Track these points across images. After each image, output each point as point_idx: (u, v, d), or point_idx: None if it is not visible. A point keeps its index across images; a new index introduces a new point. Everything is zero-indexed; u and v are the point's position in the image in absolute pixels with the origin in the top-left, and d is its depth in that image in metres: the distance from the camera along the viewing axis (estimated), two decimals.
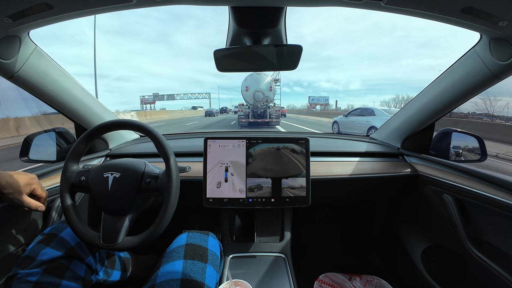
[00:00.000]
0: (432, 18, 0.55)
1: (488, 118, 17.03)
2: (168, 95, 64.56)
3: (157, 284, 0.56)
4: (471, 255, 0.73)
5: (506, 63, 0.62)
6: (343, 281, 1.00)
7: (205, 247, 0.67)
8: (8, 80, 0.69)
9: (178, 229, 0.87)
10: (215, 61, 0.73)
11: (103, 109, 1.01)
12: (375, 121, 7.27)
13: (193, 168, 0.83)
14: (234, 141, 0.85)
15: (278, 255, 0.89)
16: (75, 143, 0.65)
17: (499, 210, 0.65)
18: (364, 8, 0.55)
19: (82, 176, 0.63)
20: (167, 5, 0.56)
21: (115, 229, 0.59)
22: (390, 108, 8.65)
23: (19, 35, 0.62)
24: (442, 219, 0.87)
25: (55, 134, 0.97)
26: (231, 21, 0.66)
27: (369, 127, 7.35)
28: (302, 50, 0.69)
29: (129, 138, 1.21)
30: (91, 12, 0.55)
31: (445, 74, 0.83)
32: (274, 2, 0.56)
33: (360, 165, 0.98)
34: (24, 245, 0.71)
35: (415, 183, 0.98)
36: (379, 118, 7.20)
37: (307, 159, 0.85)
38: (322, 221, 1.40)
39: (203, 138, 0.85)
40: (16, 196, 0.59)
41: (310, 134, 1.21)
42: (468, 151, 0.97)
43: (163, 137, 0.63)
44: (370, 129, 7.30)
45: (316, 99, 51.78)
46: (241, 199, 0.83)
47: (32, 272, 0.55)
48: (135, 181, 0.62)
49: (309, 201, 0.84)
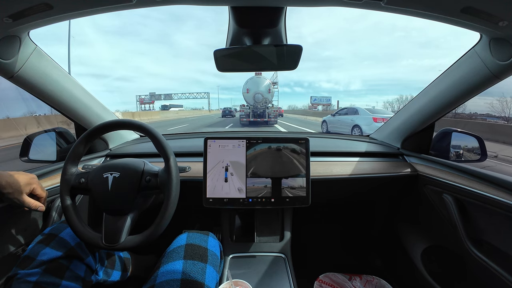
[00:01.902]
0: (432, 18, 0.55)
1: (504, 121, 16.62)
2: (165, 95, 61.33)
3: (157, 284, 0.56)
4: (471, 255, 0.73)
5: (506, 63, 0.62)
6: (343, 281, 1.00)
7: (205, 247, 0.67)
8: (8, 80, 0.69)
9: (178, 229, 0.87)
10: (215, 61, 0.73)
11: (103, 109, 1.01)
12: (358, 120, 7.63)
13: (193, 168, 0.83)
14: (234, 141, 0.85)
15: (278, 255, 0.89)
16: (74, 144, 0.65)
17: (499, 210, 0.65)
18: (364, 8, 0.55)
19: (81, 178, 0.62)
20: (167, 5, 0.56)
21: (117, 229, 0.59)
22: (374, 108, 8.98)
23: (19, 35, 0.62)
24: (442, 219, 0.87)
25: (55, 134, 0.97)
26: (231, 21, 0.66)
27: (353, 125, 7.71)
28: (302, 50, 0.69)
29: (129, 138, 1.21)
30: (91, 12, 0.55)
31: (445, 74, 0.83)
32: (274, 2, 0.56)
33: (360, 165, 0.98)
34: (24, 245, 0.71)
35: (415, 183, 0.98)
36: (362, 117, 7.57)
37: (307, 159, 0.85)
38: (322, 221, 1.40)
39: (203, 138, 0.85)
40: (16, 196, 0.59)
41: (310, 134, 1.21)
42: (468, 151, 0.97)
43: (163, 137, 0.63)
44: (354, 127, 7.65)
45: (318, 99, 51.61)
46: (241, 199, 0.83)
47: (32, 272, 0.55)
48: (135, 180, 0.62)
49: (309, 201, 0.84)
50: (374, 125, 6.99)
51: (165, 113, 31.39)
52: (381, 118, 6.97)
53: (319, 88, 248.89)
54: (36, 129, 1.02)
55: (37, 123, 7.89)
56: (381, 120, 6.96)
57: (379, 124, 6.70)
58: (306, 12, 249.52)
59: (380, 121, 6.94)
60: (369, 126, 7.12)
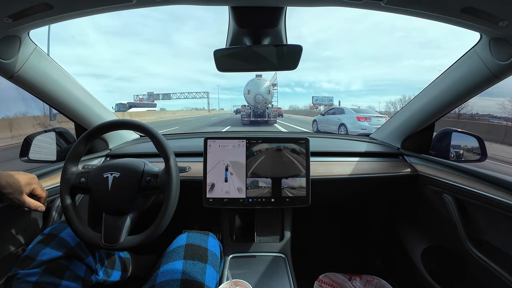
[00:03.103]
0: (432, 18, 0.55)
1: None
2: (164, 94, 59.80)
3: (157, 284, 0.56)
4: (471, 255, 0.73)
5: (506, 63, 0.62)
6: (343, 281, 1.00)
7: (205, 247, 0.67)
8: (8, 80, 0.69)
9: (178, 229, 0.87)
10: (215, 61, 0.73)
11: (103, 109, 1.01)
12: (344, 118, 8.18)
13: (193, 168, 0.83)
14: (234, 141, 0.85)
15: (278, 255, 0.89)
16: (74, 144, 0.65)
17: (499, 210, 0.65)
18: (364, 8, 0.55)
19: (81, 177, 0.62)
20: (167, 5, 0.56)
21: (116, 229, 0.59)
22: (359, 108, 9.61)
23: (19, 35, 0.62)
24: (442, 219, 0.87)
25: (55, 134, 0.97)
26: (231, 21, 0.66)
27: (340, 124, 8.29)
28: (302, 50, 0.69)
29: (129, 138, 1.21)
30: (91, 12, 0.55)
31: (445, 74, 0.83)
32: (274, 2, 0.56)
33: (360, 165, 0.98)
34: (24, 245, 0.71)
35: (415, 183, 0.98)
36: (347, 116, 8.13)
37: (307, 159, 0.85)
38: (322, 221, 1.40)
39: (203, 138, 0.85)
40: (16, 196, 0.59)
41: (310, 134, 1.21)
42: (468, 151, 0.97)
43: (163, 137, 0.63)
44: (341, 126, 8.22)
45: (320, 99, 51.43)
46: (241, 199, 0.83)
47: (32, 272, 0.55)
48: (135, 180, 0.62)
49: (309, 201, 0.84)
50: (358, 123, 7.55)
51: (160, 114, 29.52)
52: (364, 117, 7.58)
53: (320, 88, 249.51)
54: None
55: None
56: (364, 119, 7.57)
57: (361, 123, 6.43)
58: (306, 12, 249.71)
59: (363, 120, 7.57)
60: (353, 124, 7.66)
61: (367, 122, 7.53)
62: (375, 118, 7.65)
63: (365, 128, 7.37)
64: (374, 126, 7.19)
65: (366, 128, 7.34)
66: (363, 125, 7.47)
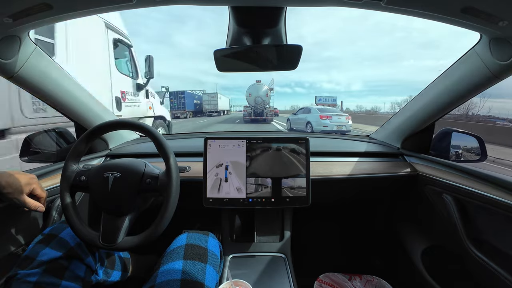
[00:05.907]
0: (432, 18, 0.55)
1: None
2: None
3: (157, 284, 0.56)
4: (471, 255, 0.73)
5: (506, 63, 0.62)
6: (343, 281, 1.00)
7: (205, 248, 0.67)
8: (8, 80, 0.69)
9: (178, 229, 0.87)
10: (215, 61, 0.73)
11: (103, 109, 1.01)
12: (310, 117, 9.19)
13: (193, 168, 0.83)
14: (234, 141, 0.85)
15: (278, 255, 0.89)
16: (75, 143, 0.65)
17: (499, 210, 0.65)
18: (364, 8, 0.55)
19: (82, 176, 0.62)
20: (167, 5, 0.56)
21: (114, 229, 0.59)
22: (324, 107, 10.96)
23: (19, 35, 0.62)
24: (442, 219, 0.87)
25: (55, 134, 0.97)
26: (231, 21, 0.66)
27: (306, 122, 9.28)
28: (302, 50, 0.69)
29: (129, 138, 1.21)
30: (91, 12, 0.55)
31: (445, 74, 0.83)
32: (274, 2, 0.56)
33: (360, 165, 0.98)
34: (24, 245, 0.71)
35: (415, 183, 0.98)
36: (312, 115, 9.14)
37: (307, 159, 0.85)
38: (322, 221, 1.40)
39: (203, 138, 0.85)
40: (15, 196, 0.59)
41: (310, 134, 1.21)
42: (468, 151, 0.97)
43: (163, 137, 0.63)
44: (307, 124, 9.19)
45: (323, 99, 51.55)
46: (241, 199, 0.83)
47: (32, 273, 0.55)
48: (135, 181, 0.61)
49: (309, 201, 0.84)
50: (320, 121, 8.61)
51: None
52: (326, 116, 8.69)
53: (320, 88, 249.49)
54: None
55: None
56: (325, 118, 8.64)
57: (323, 120, 7.68)
58: (306, 12, 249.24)
59: (325, 118, 8.64)
60: (316, 122, 8.72)
61: (328, 120, 8.56)
62: (335, 116, 8.77)
63: (326, 125, 8.46)
64: (335, 123, 8.58)
65: (327, 126, 8.45)
66: (324, 122, 8.55)
